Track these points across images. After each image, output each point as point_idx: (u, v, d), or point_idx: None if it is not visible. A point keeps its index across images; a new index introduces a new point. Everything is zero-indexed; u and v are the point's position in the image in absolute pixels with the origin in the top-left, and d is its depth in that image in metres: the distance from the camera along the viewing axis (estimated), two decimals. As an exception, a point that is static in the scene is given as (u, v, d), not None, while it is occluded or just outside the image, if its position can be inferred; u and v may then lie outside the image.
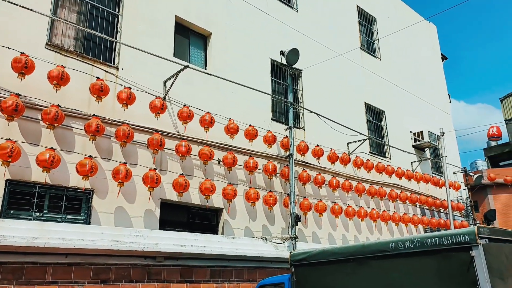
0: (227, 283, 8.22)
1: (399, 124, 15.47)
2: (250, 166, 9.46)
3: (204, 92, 9.47)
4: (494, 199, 23.02)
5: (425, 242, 4.88)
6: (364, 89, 14.43)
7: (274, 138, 10.11)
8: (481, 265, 4.30)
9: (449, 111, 19.27)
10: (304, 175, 10.61)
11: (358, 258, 5.58)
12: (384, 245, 5.33)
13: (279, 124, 10.97)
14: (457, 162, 18.40)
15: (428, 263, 4.82)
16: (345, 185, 11.71)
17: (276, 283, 6.99)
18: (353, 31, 14.87)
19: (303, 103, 11.79)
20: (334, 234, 11.55)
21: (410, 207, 14.51)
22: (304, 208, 10.28)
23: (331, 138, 11.88)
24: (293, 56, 10.67)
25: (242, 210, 9.46)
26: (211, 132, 8.99)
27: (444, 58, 20.58)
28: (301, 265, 6.38)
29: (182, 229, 8.54)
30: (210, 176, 8.98)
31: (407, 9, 18.34)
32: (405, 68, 16.96)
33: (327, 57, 12.84)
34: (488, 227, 4.71)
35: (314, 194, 11.16)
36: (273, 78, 11.38)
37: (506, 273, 4.56)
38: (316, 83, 12.54)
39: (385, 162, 13.90)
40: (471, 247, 4.40)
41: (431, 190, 15.77)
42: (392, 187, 13.64)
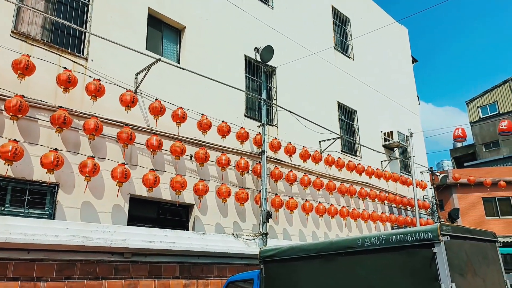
0: (197, 280, 8.17)
1: (370, 124, 15.79)
2: (223, 163, 9.42)
3: (176, 86, 9.35)
4: (458, 198, 23.87)
5: (390, 239, 4.99)
6: (337, 89, 14.63)
7: (247, 134, 10.10)
8: (442, 261, 4.43)
9: (418, 112, 19.83)
10: (276, 172, 10.66)
11: (326, 254, 5.66)
12: (352, 242, 5.42)
13: (252, 121, 10.97)
14: (424, 162, 18.97)
15: (393, 259, 4.94)
16: (316, 182, 11.85)
17: (246, 279, 7.00)
18: (328, 31, 15.04)
19: (276, 101, 11.83)
20: (305, 231, 11.68)
21: (379, 205, 14.85)
22: (275, 205, 10.34)
23: (303, 136, 11.99)
24: (267, 53, 10.69)
25: (213, 207, 9.42)
26: (183, 127, 8.89)
27: (414, 61, 21.13)
28: (271, 261, 6.41)
29: (151, 225, 8.42)
30: (182, 172, 8.88)
31: (380, 11, 18.70)
32: (377, 69, 17.31)
33: (301, 56, 12.94)
34: (450, 225, 4.86)
35: (285, 191, 11.24)
36: (247, 74, 11.36)
37: (465, 268, 4.73)
38: (290, 81, 12.62)
39: (356, 160, 14.16)
40: (434, 243, 4.52)
41: (399, 188, 16.19)
42: (362, 185, 13.91)
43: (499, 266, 5.51)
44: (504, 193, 22.50)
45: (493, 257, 5.46)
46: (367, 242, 5.22)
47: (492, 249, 5.51)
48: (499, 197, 23.45)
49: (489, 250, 5.41)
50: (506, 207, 23.67)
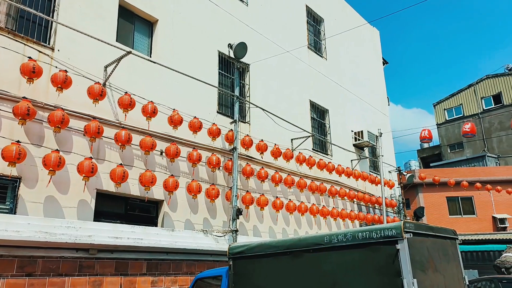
0: (165, 276, 8.08)
1: (341, 123, 16.04)
2: (194, 158, 9.34)
3: (148, 80, 9.18)
4: (424, 197, 24.65)
5: (356, 236, 5.10)
6: (310, 88, 14.78)
7: (219, 131, 10.05)
8: (405, 257, 4.56)
9: (387, 113, 20.32)
10: (247, 169, 10.67)
11: (294, 251, 5.72)
12: (319, 239, 5.50)
13: (225, 117, 10.93)
14: (392, 161, 19.48)
15: (359, 255, 5.04)
16: (287, 180, 11.95)
17: (214, 276, 6.99)
18: (301, 30, 15.15)
19: (249, 98, 11.83)
20: (275, 228, 11.75)
21: (348, 203, 15.13)
22: (246, 202, 10.35)
23: (275, 134, 12.05)
24: (241, 50, 10.66)
25: (183, 203, 9.32)
26: (153, 122, 8.74)
27: (385, 62, 21.62)
28: (240, 258, 6.41)
29: (119, 221, 8.24)
30: (151, 167, 8.74)
31: (353, 12, 19.01)
32: (348, 69, 17.60)
33: (275, 53, 12.98)
34: (413, 222, 5.01)
35: (257, 188, 11.27)
36: (221, 70, 11.29)
37: (426, 264, 4.89)
38: (263, 79, 12.64)
39: (326, 159, 14.36)
40: (397, 240, 4.65)
41: (368, 187, 16.56)
42: (332, 184, 14.13)
43: (458, 262, 5.73)
44: (466, 193, 23.39)
45: (453, 253, 5.68)
46: (334, 239, 5.31)
47: (452, 246, 5.73)
48: (462, 197, 24.37)
49: (449, 247, 5.62)
50: (468, 206, 24.64)
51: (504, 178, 24.42)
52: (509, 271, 14.98)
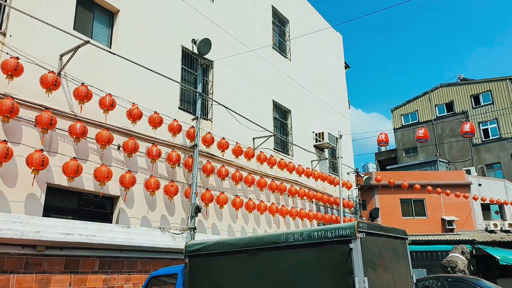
0: (118, 275, 7.85)
1: (303, 124, 16.27)
2: (153, 154, 9.14)
3: (107, 72, 8.87)
4: (379, 199, 25.51)
5: (312, 235, 5.18)
6: (273, 87, 14.88)
7: (180, 127, 9.90)
8: (357, 256, 4.69)
9: (348, 116, 20.84)
10: (208, 167, 10.58)
11: (251, 249, 5.73)
12: (276, 237, 5.54)
13: (187, 113, 10.77)
14: (351, 163, 20.00)
15: (314, 254, 5.13)
16: (248, 179, 11.96)
17: (169, 274, 6.88)
18: (267, 30, 15.22)
19: (212, 95, 11.73)
20: (234, 227, 11.74)
21: (307, 203, 15.38)
22: (205, 200, 10.26)
23: (237, 132, 12.03)
24: (205, 46, 10.54)
25: (140, 199, 9.10)
26: (111, 115, 8.46)
27: (347, 67, 22.16)
28: (196, 255, 6.35)
29: (71, 217, 7.92)
30: (108, 162, 8.46)
31: (318, 16, 19.34)
32: (312, 72, 17.88)
33: (239, 51, 12.95)
34: (366, 223, 5.16)
35: (217, 186, 11.20)
36: (184, 66, 11.12)
37: (377, 263, 5.05)
38: (227, 76, 12.58)
39: (287, 159, 14.51)
40: (351, 240, 4.78)
41: (327, 188, 16.90)
42: (292, 183, 14.29)
43: (407, 261, 5.97)
44: (419, 195, 24.44)
45: (403, 253, 5.90)
46: (291, 238, 5.37)
47: (402, 246, 5.95)
48: (414, 199, 25.45)
49: (399, 247, 5.83)
50: (420, 208, 25.77)
51: (453, 182, 25.76)
52: (455, 271, 15.81)
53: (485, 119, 33.37)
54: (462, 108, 34.93)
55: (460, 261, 16.29)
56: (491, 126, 33.12)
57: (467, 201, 25.30)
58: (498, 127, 32.69)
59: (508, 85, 33.22)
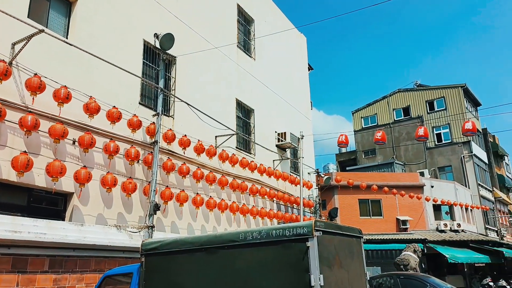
0: (70, 274, 7.55)
1: (265, 124, 16.36)
2: (110, 150, 8.85)
3: (62, 63, 8.50)
4: (339, 199, 26.15)
5: (270, 233, 5.21)
6: (237, 86, 14.86)
7: (140, 123, 9.65)
8: (313, 254, 4.76)
9: (310, 117, 21.17)
10: (168, 164, 10.40)
11: (210, 247, 5.68)
12: (234, 236, 5.53)
13: (147, 109, 10.53)
14: (312, 164, 20.34)
15: (272, 252, 5.16)
16: (209, 177, 11.87)
17: (124, 273, 6.70)
18: (232, 28, 15.17)
19: (174, 91, 11.54)
20: (194, 225, 11.61)
21: (268, 202, 15.48)
22: (165, 198, 10.08)
23: (199, 130, 11.91)
24: (167, 41, 10.34)
25: (96, 196, 8.79)
26: (66, 109, 8.12)
27: (310, 68, 22.52)
28: (153, 254, 6.22)
29: (20, 213, 7.52)
30: (61, 157, 8.10)
31: (283, 17, 19.52)
32: (275, 72, 18.01)
33: (203, 48, 12.82)
34: (324, 221, 5.25)
35: (177, 184, 11.04)
36: (145, 60, 10.86)
37: (333, 261, 5.16)
38: (190, 73, 12.42)
39: (249, 158, 14.54)
40: (308, 238, 4.85)
41: (288, 187, 17.09)
42: (254, 182, 14.34)
43: (362, 259, 6.13)
44: (376, 195, 25.28)
45: (358, 251, 6.06)
46: (249, 236, 5.37)
47: (357, 244, 6.11)
48: (372, 199, 26.30)
49: (355, 245, 5.99)
50: (377, 208, 26.66)
51: (408, 184, 26.84)
52: (407, 268, 16.48)
53: (438, 124, 35.04)
54: (417, 113, 36.46)
55: (412, 259, 17.01)
56: (444, 131, 34.83)
57: (420, 202, 26.46)
58: (450, 132, 34.41)
59: (460, 92, 35.06)
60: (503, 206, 40.28)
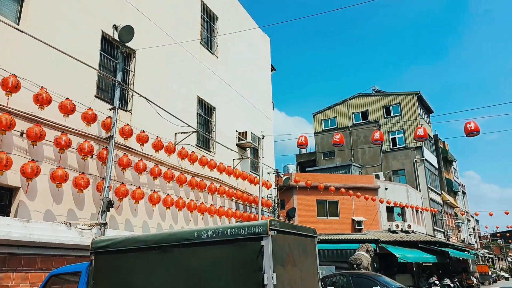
0: (13, 273, 7.16)
1: (226, 122, 16.30)
2: (62, 144, 8.46)
3: (12, 51, 8.03)
4: (297, 199, 26.55)
5: (225, 232, 5.19)
6: (199, 83, 14.69)
7: (95, 116, 9.31)
8: (267, 253, 4.79)
9: (271, 117, 21.32)
10: (124, 160, 10.10)
11: (163, 246, 5.59)
12: (189, 234, 5.46)
13: (104, 103, 10.17)
14: (272, 164, 20.50)
15: (227, 251, 5.14)
16: (167, 174, 11.66)
17: (72, 272, 6.44)
18: (195, 24, 14.99)
19: (133, 85, 11.23)
20: (150, 223, 11.36)
21: (227, 201, 15.43)
22: (119, 194, 9.79)
23: (158, 126, 11.66)
24: (127, 34, 10.03)
25: (44, 191, 8.38)
26: (15, 98, 7.68)
27: (273, 69, 22.70)
28: (103, 252, 6.03)
29: (-42, 209, 7.04)
30: (8, 149, 7.66)
31: (247, 16, 19.52)
32: (238, 71, 18.00)
33: (165, 43, 12.56)
34: (279, 221, 5.30)
35: (133, 181, 10.75)
36: (103, 52, 10.48)
37: (287, 260, 5.21)
38: (151, 68, 12.14)
39: (209, 156, 14.42)
40: (262, 237, 4.87)
41: (247, 186, 17.12)
42: (213, 181, 14.25)
43: (315, 258, 6.25)
44: (333, 197, 25.90)
45: (312, 250, 6.17)
46: (204, 234, 5.32)
47: (311, 244, 6.21)
48: (329, 200, 26.92)
49: (309, 245, 6.08)
50: (334, 209, 27.32)
51: (364, 186, 27.73)
52: (360, 267, 17.03)
53: (394, 129, 36.45)
54: (375, 117, 37.73)
55: (364, 259, 17.60)
56: (399, 135, 36.27)
57: (374, 203, 27.40)
58: (404, 137, 35.89)
59: (414, 99, 36.66)
60: (450, 208, 42.58)
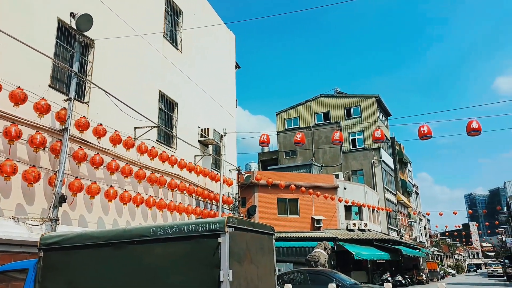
0: (-48, 271, 6.68)
1: (189, 118, 16.09)
2: (11, 135, 8.03)
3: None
4: (259, 197, 26.71)
5: (182, 228, 5.13)
6: (161, 77, 14.40)
7: (49, 107, 8.88)
8: (224, 250, 4.79)
9: (234, 115, 21.28)
10: (79, 153, 9.72)
11: (117, 242, 5.46)
12: (145, 230, 5.36)
13: (59, 93, 9.74)
14: (234, 161, 20.47)
15: (183, 248, 5.08)
16: (125, 169, 11.34)
17: (19, 269, 6.16)
18: (158, 17, 14.66)
19: (91, 77, 10.82)
20: (105, 219, 11.01)
21: (187, 197, 15.24)
22: (73, 189, 9.42)
23: (117, 120, 11.31)
24: (85, 22, 9.61)
25: (-9, 185, 7.92)
26: (-41, 85, 7.19)
27: (237, 67, 22.65)
28: (53, 249, 5.80)
29: None
30: (-50, 139, 7.16)
31: (212, 12, 19.34)
32: (202, 67, 17.81)
33: (126, 35, 12.20)
34: (237, 218, 5.30)
35: (89, 175, 10.37)
36: (59, 40, 10.03)
37: (244, 257, 5.22)
38: (111, 59, 11.75)
39: (170, 152, 14.18)
40: (220, 234, 4.85)
41: (208, 183, 17.00)
42: (173, 177, 14.02)
43: (272, 255, 6.31)
44: (294, 195, 26.28)
45: (269, 247, 6.22)
46: (161, 231, 5.24)
47: (269, 241, 6.26)
48: (290, 199, 27.29)
49: (266, 242, 6.13)
50: (294, 207, 27.74)
51: (324, 185, 28.33)
52: (317, 265, 17.39)
53: (354, 130, 37.49)
54: (336, 118, 38.62)
55: (322, 256, 18.00)
56: (358, 137, 37.35)
57: (333, 202, 28.05)
58: (363, 138, 36.99)
59: (374, 102, 37.88)
60: (404, 208, 44.41)
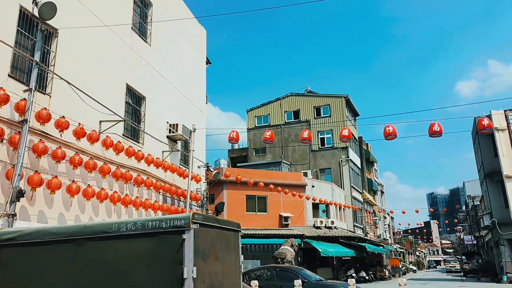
0: None
1: (157, 113, 15.80)
2: (-35, 125, 7.60)
3: None
4: (227, 194, 26.66)
5: (146, 225, 5.04)
6: (128, 70, 14.05)
7: (7, 97, 8.48)
8: (189, 247, 4.74)
9: (204, 111, 21.09)
10: (40, 147, 9.33)
11: (77, 239, 5.31)
12: (107, 227, 5.23)
13: (19, 83, 9.31)
14: (203, 157, 20.30)
15: (147, 244, 4.99)
16: (89, 164, 10.99)
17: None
18: (127, 8, 14.28)
19: (54, 67, 10.40)
20: (67, 215, 10.64)
21: (154, 194, 14.98)
22: (33, 183, 9.03)
23: (81, 112, 10.95)
24: (48, 10, 9.20)
25: None
26: None
27: (208, 62, 22.44)
28: (8, 245, 5.56)
29: None
30: None
31: (183, 5, 19.04)
32: (172, 61, 17.53)
33: (92, 25, 11.81)
34: (202, 214, 5.24)
35: (49, 169, 9.99)
36: (20, 28, 9.58)
37: (208, 253, 5.18)
38: (75, 50, 11.34)
39: (137, 147, 13.88)
40: (184, 230, 4.79)
41: (176, 179, 16.78)
42: (140, 173, 13.74)
43: (238, 252, 6.30)
44: (262, 192, 26.41)
45: (235, 244, 6.20)
46: (123, 227, 5.13)
47: (235, 238, 6.24)
48: (259, 196, 27.40)
49: (232, 238, 6.10)
50: (263, 204, 27.88)
51: (293, 183, 28.64)
52: (284, 261, 17.57)
53: (323, 129, 38.08)
54: (306, 117, 39.08)
55: (289, 253, 18.20)
56: (327, 136, 37.97)
57: (302, 200, 28.42)
58: (332, 137, 37.64)
59: (343, 102, 38.60)
60: (370, 206, 45.59)
